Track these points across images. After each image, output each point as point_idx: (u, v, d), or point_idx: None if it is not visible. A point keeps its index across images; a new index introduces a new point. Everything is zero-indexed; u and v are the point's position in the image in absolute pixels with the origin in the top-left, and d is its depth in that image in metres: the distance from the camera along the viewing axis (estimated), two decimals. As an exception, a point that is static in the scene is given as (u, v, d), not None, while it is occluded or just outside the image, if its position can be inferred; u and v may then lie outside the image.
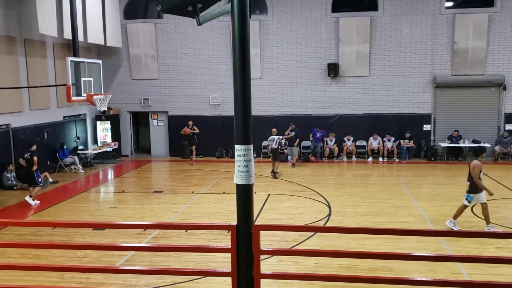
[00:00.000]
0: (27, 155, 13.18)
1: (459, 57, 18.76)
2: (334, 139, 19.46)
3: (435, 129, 19.43)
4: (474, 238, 9.32)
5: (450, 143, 18.82)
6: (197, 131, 19.20)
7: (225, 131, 19.53)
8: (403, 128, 19.20)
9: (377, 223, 10.83)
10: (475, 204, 12.16)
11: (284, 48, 19.68)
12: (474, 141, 18.68)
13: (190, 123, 19.31)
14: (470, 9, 18.61)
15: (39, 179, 13.11)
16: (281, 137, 16.93)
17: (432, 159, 18.81)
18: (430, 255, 5.21)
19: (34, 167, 12.93)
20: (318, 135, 19.25)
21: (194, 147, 19.19)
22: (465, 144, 18.69)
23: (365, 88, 19.47)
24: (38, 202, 13.00)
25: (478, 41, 18.55)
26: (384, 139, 19.18)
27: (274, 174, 16.23)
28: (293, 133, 18.40)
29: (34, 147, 13.42)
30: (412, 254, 4.86)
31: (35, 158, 12.96)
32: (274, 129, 17.30)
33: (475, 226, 10.61)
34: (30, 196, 12.93)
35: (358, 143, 19.60)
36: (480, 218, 11.11)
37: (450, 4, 18.80)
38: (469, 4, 18.75)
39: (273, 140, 16.69)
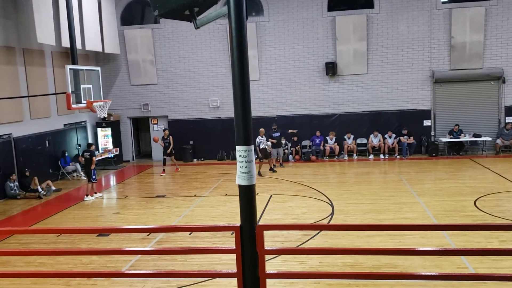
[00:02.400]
0: (87, 154, 14.47)
1: (457, 51, 18.79)
2: (334, 138, 19.48)
3: (435, 124, 19.45)
4: (478, 232, 9.32)
5: (451, 137, 18.83)
6: (171, 145, 17.91)
7: (225, 133, 19.56)
8: (403, 124, 19.23)
9: (380, 220, 10.84)
10: (478, 198, 12.22)
11: (281, 48, 19.72)
12: (475, 135, 18.70)
13: (166, 132, 18.05)
14: (466, 3, 18.63)
15: (93, 176, 14.36)
16: (263, 138, 16.93)
17: (434, 154, 18.82)
18: (436, 249, 5.23)
19: (92, 166, 14.24)
20: (317, 141, 19.33)
21: (167, 158, 17.99)
22: (466, 138, 18.71)
23: (363, 86, 19.50)
24: (100, 194, 14.70)
25: (476, 35, 18.58)
26: (386, 135, 19.20)
27: (272, 169, 17.18)
28: (278, 134, 18.14)
29: (93, 147, 14.80)
30: (417, 249, 4.89)
31: (94, 158, 14.39)
32: (261, 129, 17.11)
33: (478, 220, 10.62)
34: (87, 195, 14.28)
35: (358, 141, 19.62)
36: (483, 212, 11.13)
37: (446, -1, 18.84)
38: (464, -1, 18.77)
39: (262, 140, 16.86)
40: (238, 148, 4.43)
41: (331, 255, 7.90)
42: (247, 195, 4.43)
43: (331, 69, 19.17)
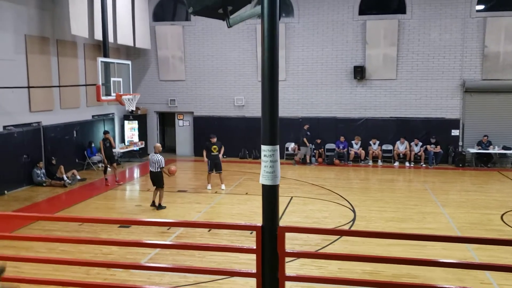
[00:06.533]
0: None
1: (489, 61, 18.37)
2: (359, 142, 19.30)
3: (463, 134, 19.06)
4: (504, 247, 9.08)
5: (479, 149, 18.44)
6: (114, 146, 15.94)
7: (249, 132, 19.56)
8: (431, 132, 18.91)
9: (402, 229, 10.67)
10: (505, 212, 11.92)
11: (309, 50, 19.63)
12: (504, 148, 18.27)
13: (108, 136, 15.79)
14: (502, 12, 18.20)
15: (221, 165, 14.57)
16: (161, 156, 12.37)
17: (460, 165, 18.44)
18: (458, 262, 5.12)
19: (220, 155, 14.48)
20: (341, 146, 19.20)
21: (114, 164, 15.63)
22: (495, 150, 18.29)
23: (392, 92, 19.25)
24: (210, 188, 14.58)
25: (510, 45, 18.13)
26: (412, 143, 18.91)
27: (154, 203, 12.47)
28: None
29: (215, 139, 14.45)
30: (439, 261, 4.79)
31: (222, 146, 14.63)
32: (157, 144, 12.97)
33: (504, 235, 10.36)
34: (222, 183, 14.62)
35: (384, 147, 19.37)
36: (511, 227, 10.85)
37: (481, 7, 18.43)
38: (500, 7, 18.34)
39: (155, 160, 12.28)
40: (263, 147, 4.42)
41: (351, 261, 7.82)
42: (270, 195, 4.42)
43: (359, 73, 19.00)
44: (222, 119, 20.46)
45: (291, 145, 19.81)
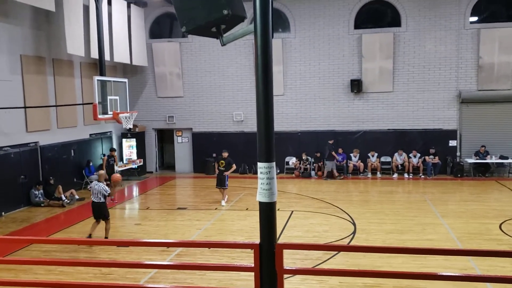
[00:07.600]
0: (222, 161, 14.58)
1: (484, 72, 18.48)
2: (358, 155, 19.31)
3: (461, 145, 19.09)
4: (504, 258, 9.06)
5: (477, 159, 18.46)
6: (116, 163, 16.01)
7: (248, 147, 19.54)
8: (428, 144, 18.94)
9: (402, 241, 10.65)
10: (504, 222, 11.90)
11: (307, 65, 19.75)
12: (501, 157, 18.29)
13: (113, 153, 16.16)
14: (495, 23, 18.38)
15: (226, 182, 14.56)
16: (103, 185, 11.11)
17: (459, 175, 18.45)
18: (457, 275, 5.10)
19: (225, 173, 14.44)
20: (340, 158, 19.19)
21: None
22: (492, 160, 18.31)
23: (389, 104, 19.33)
24: (224, 204, 14.52)
25: (504, 55, 18.26)
26: (410, 155, 18.93)
27: (90, 236, 11.01)
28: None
29: (226, 154, 14.54)
30: (439, 274, 4.77)
31: (233, 165, 14.59)
32: (101, 172, 11.90)
33: (503, 244, 10.33)
34: (223, 199, 14.61)
35: (382, 159, 19.39)
36: (509, 236, 10.82)
37: (475, 19, 18.60)
38: (494, 19, 18.53)
39: (96, 190, 11.05)
40: (259, 164, 4.42)
41: (351, 276, 7.78)
42: (267, 212, 4.41)
43: (356, 86, 19.09)
44: (221, 134, 20.49)
45: (292, 160, 19.82)
